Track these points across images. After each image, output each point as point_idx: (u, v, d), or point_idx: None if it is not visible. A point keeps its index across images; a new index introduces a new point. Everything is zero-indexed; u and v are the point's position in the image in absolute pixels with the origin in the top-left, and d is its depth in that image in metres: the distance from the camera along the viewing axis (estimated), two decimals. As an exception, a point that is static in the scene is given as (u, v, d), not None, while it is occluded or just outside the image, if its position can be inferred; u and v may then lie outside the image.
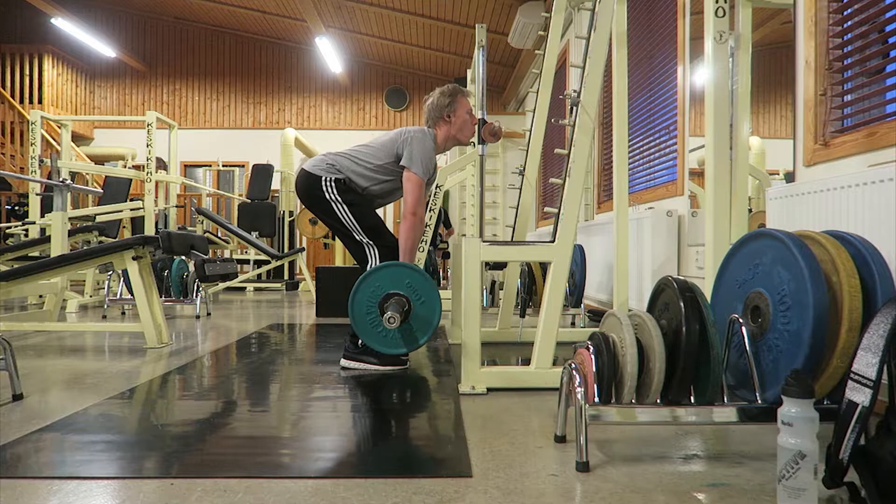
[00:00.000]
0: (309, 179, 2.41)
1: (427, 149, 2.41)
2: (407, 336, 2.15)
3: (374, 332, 2.15)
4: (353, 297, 2.13)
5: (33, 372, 2.31)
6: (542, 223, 6.69)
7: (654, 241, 3.03)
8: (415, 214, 2.36)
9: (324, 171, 2.40)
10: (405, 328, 2.14)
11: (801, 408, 1.05)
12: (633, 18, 3.73)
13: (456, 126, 2.51)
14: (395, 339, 2.15)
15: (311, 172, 2.41)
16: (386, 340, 2.16)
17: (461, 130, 2.52)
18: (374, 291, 2.13)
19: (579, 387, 1.32)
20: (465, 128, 2.53)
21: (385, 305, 2.10)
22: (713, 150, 1.86)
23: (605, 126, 4.49)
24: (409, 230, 2.35)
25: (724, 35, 1.85)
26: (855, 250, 1.32)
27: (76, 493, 1.16)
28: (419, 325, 2.15)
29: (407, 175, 2.38)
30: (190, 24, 9.75)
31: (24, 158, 8.22)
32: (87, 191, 4.58)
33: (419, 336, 2.16)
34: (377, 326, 2.14)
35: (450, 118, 2.50)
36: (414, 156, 2.37)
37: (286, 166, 8.40)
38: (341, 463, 1.35)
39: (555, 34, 2.95)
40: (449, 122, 2.51)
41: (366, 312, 2.13)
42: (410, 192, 2.37)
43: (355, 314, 2.14)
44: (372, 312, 2.13)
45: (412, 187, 2.37)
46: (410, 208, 2.36)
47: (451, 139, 2.54)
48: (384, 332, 2.14)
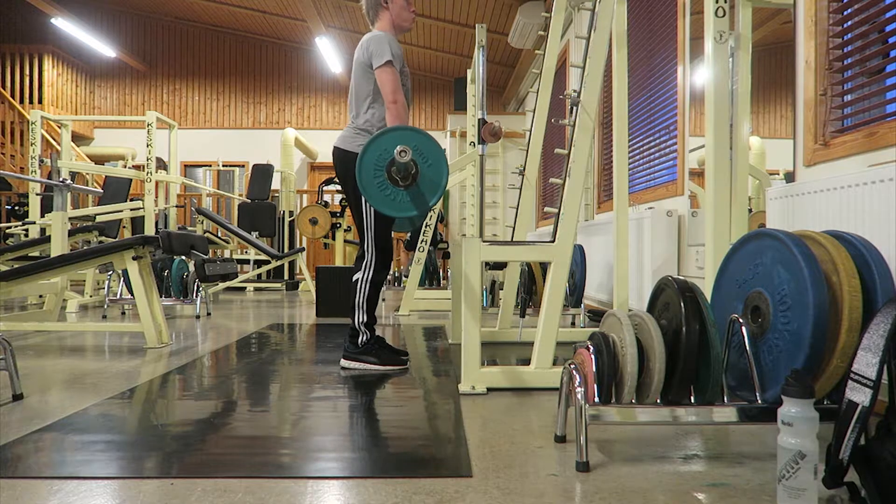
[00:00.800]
0: (347, 157, 2.38)
1: (381, 38, 2.38)
2: (416, 198, 2.09)
3: (383, 195, 2.08)
4: (360, 162, 2.07)
5: (33, 372, 2.31)
6: (542, 223, 6.69)
7: (654, 241, 3.03)
8: (395, 102, 2.34)
9: (356, 147, 2.35)
10: (413, 190, 2.08)
11: (801, 408, 1.05)
12: (633, 18, 3.73)
13: (395, 11, 2.49)
14: (404, 201, 2.09)
15: (349, 150, 2.38)
16: (395, 203, 2.09)
17: (400, 14, 2.50)
18: (380, 155, 2.06)
19: (579, 387, 1.32)
20: (403, 11, 2.51)
21: (392, 168, 2.05)
22: (713, 150, 1.86)
23: (605, 126, 4.49)
24: (395, 118, 2.33)
25: (725, 35, 1.85)
26: (855, 250, 1.32)
27: (76, 493, 1.16)
28: (427, 186, 2.09)
29: (378, 70, 2.36)
30: (190, 24, 9.75)
31: (24, 158, 8.22)
32: (87, 191, 4.58)
33: (428, 197, 2.09)
34: (385, 189, 2.07)
35: (387, 3, 2.48)
36: (374, 52, 2.36)
37: (286, 166, 8.41)
38: (341, 463, 1.35)
39: (555, 34, 2.95)
40: (387, 8, 2.49)
41: (373, 176, 2.07)
42: (386, 82, 2.34)
43: (363, 179, 2.07)
44: (380, 176, 2.07)
45: (385, 77, 2.34)
46: (390, 97, 2.34)
47: (396, 27, 2.51)
48: (393, 196, 2.08)
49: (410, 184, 2.07)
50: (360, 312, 2.40)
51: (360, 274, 2.41)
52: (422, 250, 4.71)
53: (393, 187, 2.06)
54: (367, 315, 2.40)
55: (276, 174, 8.17)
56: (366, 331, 2.41)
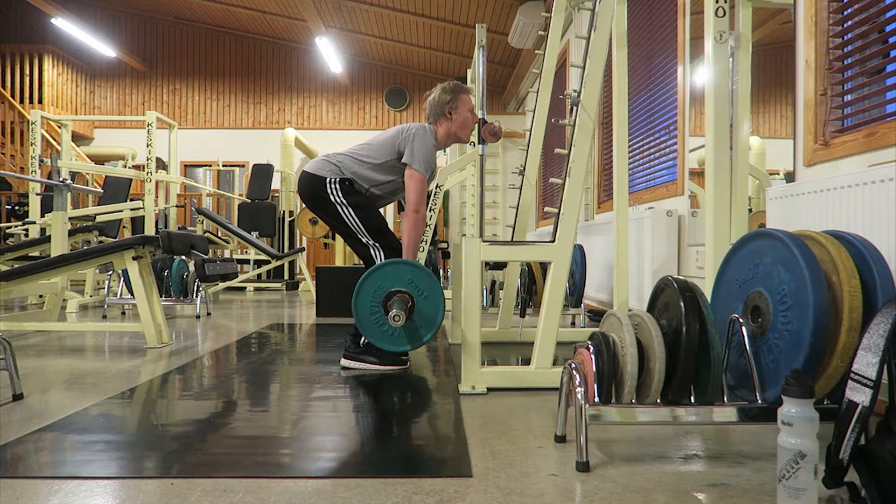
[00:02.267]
0: (313, 181, 2.40)
1: (428, 145, 2.41)
2: (411, 333, 2.14)
3: (379, 330, 2.14)
4: (356, 296, 2.12)
5: (33, 372, 2.31)
6: (542, 223, 6.69)
7: (654, 241, 3.03)
8: (417, 212, 2.36)
9: (328, 173, 2.39)
10: (409, 325, 2.14)
11: (801, 408, 1.05)
12: (633, 18, 3.73)
13: (457, 123, 2.51)
14: (399, 336, 2.14)
15: (315, 174, 2.40)
16: (391, 338, 2.15)
17: (462, 128, 2.52)
18: (376, 290, 2.12)
19: (579, 387, 1.32)
20: (466, 125, 2.53)
21: (388, 303, 2.10)
22: (713, 150, 1.86)
23: (605, 126, 4.49)
24: (412, 227, 2.35)
25: (725, 35, 1.85)
26: (855, 250, 1.32)
27: (76, 492, 1.16)
28: (423, 321, 2.14)
29: (409, 172, 2.38)
30: (190, 24, 9.75)
31: (24, 158, 8.22)
32: (88, 191, 4.57)
33: (423, 333, 2.15)
34: (382, 325, 2.13)
35: (451, 115, 2.50)
36: (416, 153, 2.37)
37: (286, 166, 8.40)
38: (341, 463, 1.35)
39: (555, 34, 2.95)
40: (450, 119, 2.51)
41: (370, 312, 2.13)
42: (413, 190, 2.37)
43: (359, 313, 2.13)
44: (376, 311, 2.12)
45: (414, 185, 2.37)
46: (413, 206, 2.36)
47: (452, 136, 2.53)
48: (389, 330, 2.13)
49: (408, 318, 2.10)
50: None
51: None
52: (422, 250, 4.71)
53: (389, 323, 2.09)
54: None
55: (276, 174, 8.17)
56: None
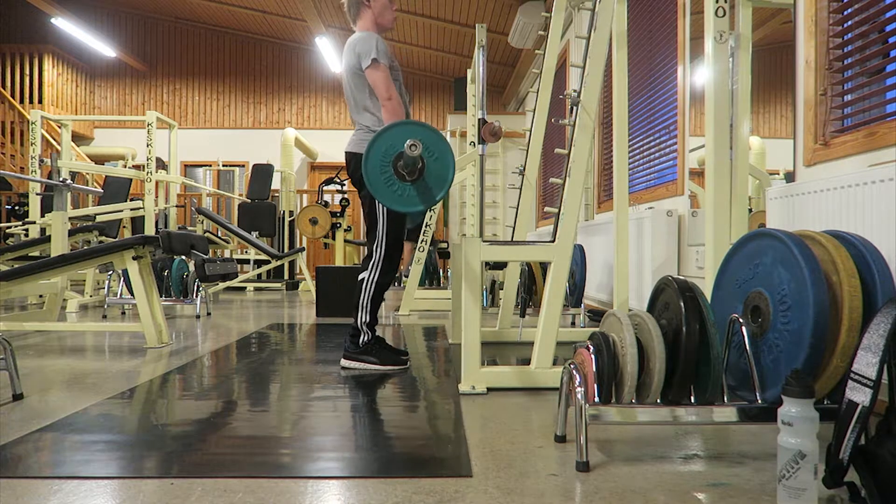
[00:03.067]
0: (356, 159, 2.38)
1: (365, 38, 2.38)
2: (423, 192, 2.09)
3: (390, 190, 2.08)
4: (366, 159, 2.06)
5: (33, 372, 2.31)
6: (542, 223, 6.69)
7: (654, 241, 3.03)
8: (390, 98, 2.33)
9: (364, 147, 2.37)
10: (420, 185, 2.08)
11: (801, 407, 1.05)
12: (633, 18, 3.73)
13: (377, 10, 2.47)
14: (411, 195, 2.09)
15: (355, 152, 2.39)
16: (402, 198, 2.09)
17: (382, 14, 2.49)
18: (386, 150, 2.06)
19: (579, 386, 1.32)
20: (386, 10, 2.49)
21: (399, 164, 2.05)
22: (713, 150, 1.86)
23: (605, 126, 4.49)
24: (392, 115, 2.32)
25: (725, 35, 1.85)
26: (855, 250, 1.32)
27: (76, 492, 1.16)
28: (434, 180, 2.09)
29: (368, 71, 2.35)
30: (190, 24, 9.75)
31: (24, 158, 8.22)
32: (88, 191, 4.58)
33: (436, 192, 2.10)
34: (392, 185, 2.07)
35: (369, 3, 2.47)
36: (363, 52, 2.35)
37: (286, 166, 8.41)
38: (341, 463, 1.35)
39: (555, 34, 2.95)
40: (369, 7, 2.47)
41: (380, 172, 2.07)
42: (378, 82, 2.34)
43: (370, 174, 2.07)
44: (386, 171, 2.07)
45: (376, 76, 2.34)
46: (384, 95, 2.33)
47: (378, 26, 2.50)
48: (400, 191, 2.08)
49: (417, 178, 2.07)
50: (363, 312, 2.40)
51: (367, 274, 2.41)
52: (422, 250, 4.71)
53: (400, 182, 2.06)
54: (369, 315, 2.40)
55: (276, 174, 8.17)
56: (367, 331, 2.40)
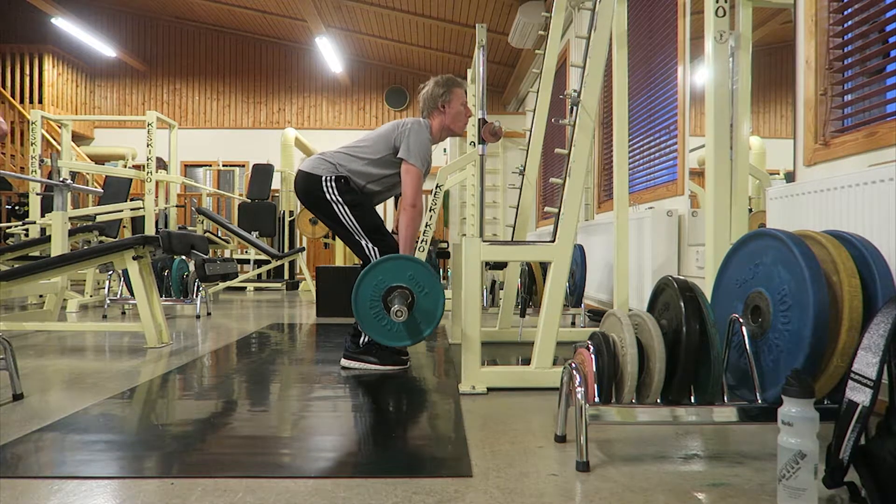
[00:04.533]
0: (309, 180, 2.40)
1: (423, 139, 2.41)
2: (412, 328, 2.14)
3: (379, 325, 2.14)
4: (356, 292, 2.12)
5: (33, 372, 2.31)
6: (542, 223, 6.69)
7: (654, 241, 3.03)
8: (414, 206, 2.35)
9: (323, 171, 2.39)
10: (410, 320, 2.13)
11: (801, 407, 1.05)
12: (633, 18, 3.73)
13: (450, 116, 2.50)
14: (399, 331, 2.14)
15: (311, 173, 2.40)
16: (391, 333, 2.15)
17: (455, 121, 2.52)
18: (377, 285, 2.12)
19: (579, 386, 1.32)
20: (459, 118, 2.52)
21: (389, 299, 2.09)
22: (713, 150, 1.86)
23: (605, 126, 4.49)
24: (409, 222, 2.35)
25: (725, 35, 1.85)
26: (855, 250, 1.32)
27: (76, 492, 1.16)
28: (423, 316, 2.14)
29: (405, 167, 2.38)
30: (190, 24, 9.75)
31: (24, 158, 8.22)
32: (88, 190, 4.57)
33: (424, 328, 2.15)
34: (381, 320, 2.13)
35: (444, 108, 2.49)
36: (411, 147, 2.37)
37: (286, 166, 8.40)
38: (341, 463, 1.35)
39: (555, 34, 2.94)
40: (443, 113, 2.50)
41: (369, 307, 2.12)
42: (409, 185, 2.37)
43: (359, 308, 2.12)
44: (376, 306, 2.12)
45: (411, 179, 2.37)
46: (410, 200, 2.36)
47: (446, 129, 2.53)
48: (389, 326, 2.13)
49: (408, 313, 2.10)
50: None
51: None
52: (422, 250, 4.70)
53: (388, 318, 2.10)
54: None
55: (276, 174, 8.17)
56: (366, 331, 2.40)
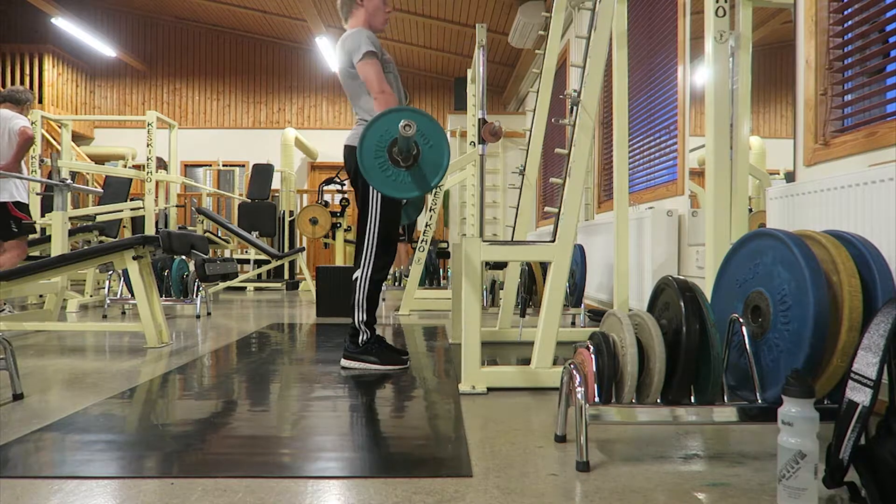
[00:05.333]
0: (349, 152, 2.42)
1: (356, 35, 2.37)
2: (418, 179, 2.09)
3: (384, 175, 2.08)
4: (361, 144, 2.07)
5: (33, 371, 2.31)
6: (542, 223, 6.69)
7: (654, 241, 3.03)
8: (382, 92, 2.33)
9: None
10: (416, 171, 2.08)
11: (801, 407, 1.05)
12: (633, 18, 3.73)
13: (370, 10, 2.48)
14: (405, 181, 2.09)
15: (350, 145, 2.43)
16: (396, 184, 2.10)
17: (374, 15, 2.49)
18: (382, 136, 2.06)
19: (579, 386, 1.32)
20: (378, 12, 2.49)
21: (394, 150, 2.05)
22: (713, 150, 1.86)
23: (605, 126, 4.49)
24: (384, 106, 2.31)
25: (725, 35, 1.85)
26: (855, 250, 1.32)
27: (76, 492, 1.16)
28: (429, 167, 2.09)
29: (360, 64, 2.35)
30: (190, 24, 9.75)
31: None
32: (88, 190, 4.57)
33: (430, 178, 2.10)
34: (387, 170, 2.08)
35: (362, 2, 2.47)
36: (353, 48, 2.35)
37: (286, 166, 8.41)
38: (341, 463, 1.35)
39: (555, 34, 2.94)
40: (362, 6, 2.47)
41: (374, 157, 2.07)
42: (368, 76, 2.34)
43: (364, 160, 2.07)
44: (381, 156, 2.07)
45: (367, 70, 2.34)
46: (375, 88, 2.33)
47: (369, 27, 2.49)
48: (394, 176, 2.08)
49: (412, 164, 2.07)
50: (359, 311, 2.40)
51: (360, 272, 2.41)
52: (422, 250, 4.71)
53: (394, 168, 2.07)
54: (367, 314, 2.40)
55: (276, 174, 8.17)
56: (366, 330, 2.40)
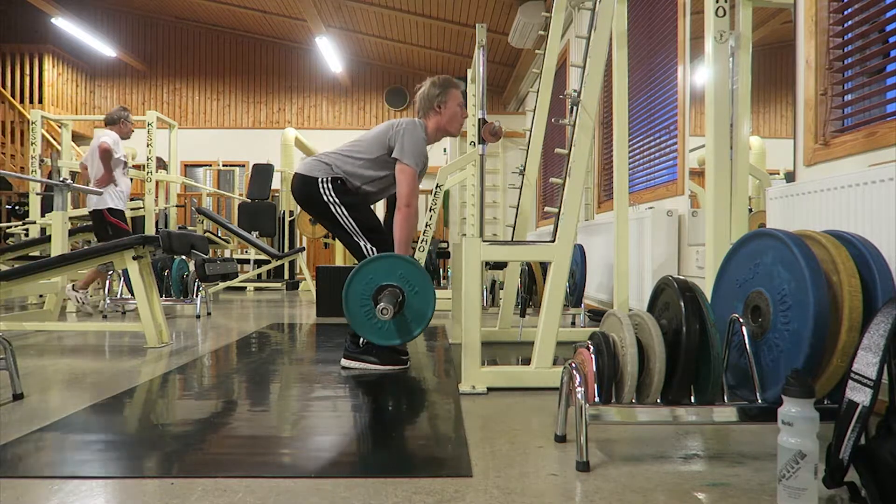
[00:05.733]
0: (305, 182, 2.41)
1: (418, 139, 2.41)
2: (401, 327, 2.16)
3: (370, 323, 2.15)
4: (346, 290, 2.14)
5: (34, 371, 2.31)
6: (542, 223, 6.69)
7: (654, 241, 3.03)
8: (409, 206, 2.35)
9: (319, 172, 2.40)
10: (400, 319, 2.15)
11: (801, 407, 1.05)
12: (633, 18, 3.73)
13: (446, 117, 2.51)
14: (390, 330, 2.16)
15: (308, 175, 2.41)
16: (381, 332, 2.17)
17: (451, 122, 2.52)
18: (367, 283, 2.14)
19: (579, 386, 1.32)
20: (455, 119, 2.53)
21: (379, 297, 2.11)
22: (713, 150, 1.85)
23: (605, 126, 4.48)
24: (404, 221, 2.35)
25: (725, 35, 1.85)
26: (855, 250, 1.32)
27: (76, 492, 1.16)
28: (413, 315, 2.16)
29: (400, 167, 2.38)
30: (190, 24, 9.75)
31: (24, 158, 8.22)
32: (88, 190, 4.57)
33: (414, 327, 2.17)
34: (372, 318, 2.15)
35: (440, 109, 2.50)
36: (406, 147, 2.37)
37: (286, 166, 8.39)
38: (341, 463, 1.35)
39: (555, 34, 2.94)
40: (439, 113, 2.50)
41: (360, 305, 2.14)
42: (404, 183, 2.37)
43: (350, 306, 2.14)
44: (366, 304, 2.14)
45: (405, 178, 2.37)
46: (405, 200, 2.36)
47: (441, 130, 2.53)
48: (379, 324, 2.15)
49: (397, 312, 2.12)
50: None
51: None
52: (422, 250, 4.70)
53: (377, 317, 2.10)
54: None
55: (276, 174, 8.16)
56: (366, 331, 2.41)
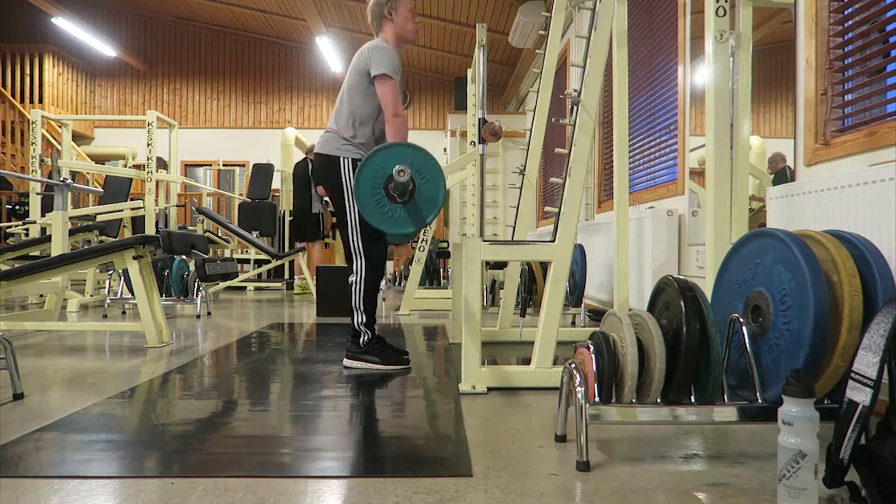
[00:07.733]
0: (328, 162, 2.40)
1: (386, 49, 2.38)
2: (414, 214, 2.11)
3: (381, 212, 2.10)
4: (357, 179, 2.08)
5: (34, 371, 2.31)
6: (543, 223, 6.69)
7: (654, 241, 3.03)
8: (397, 115, 2.34)
9: (339, 150, 2.38)
10: (412, 207, 2.10)
11: (801, 407, 1.05)
12: (633, 18, 3.73)
13: (399, 23, 2.47)
14: (402, 218, 2.11)
15: (329, 154, 2.40)
16: (393, 220, 2.11)
17: (404, 27, 2.49)
18: (377, 172, 2.07)
19: (580, 386, 1.32)
20: (408, 23, 2.49)
21: (390, 186, 2.06)
22: (714, 150, 1.85)
23: (605, 126, 4.48)
24: (396, 132, 2.33)
25: (725, 34, 1.85)
26: (856, 250, 1.32)
27: (76, 492, 1.16)
28: (425, 202, 2.11)
29: (379, 82, 2.35)
30: (190, 23, 9.74)
31: (24, 158, 8.22)
32: (88, 190, 4.58)
33: (426, 213, 2.11)
34: (383, 207, 2.09)
35: (391, 15, 2.46)
36: (379, 60, 2.35)
37: (286, 166, 8.40)
38: (341, 463, 1.35)
39: (555, 34, 2.94)
40: (392, 21, 2.47)
41: (371, 193, 2.09)
42: (387, 96, 2.35)
43: (361, 197, 2.09)
44: (377, 193, 2.08)
45: (387, 90, 2.34)
46: (391, 110, 2.34)
47: (399, 37, 2.50)
48: (390, 213, 2.10)
49: (408, 200, 2.08)
50: (358, 314, 2.40)
51: (354, 276, 2.42)
52: (422, 250, 4.71)
53: (391, 204, 2.08)
54: (366, 315, 2.40)
55: (276, 174, 8.16)
56: (366, 330, 2.41)
